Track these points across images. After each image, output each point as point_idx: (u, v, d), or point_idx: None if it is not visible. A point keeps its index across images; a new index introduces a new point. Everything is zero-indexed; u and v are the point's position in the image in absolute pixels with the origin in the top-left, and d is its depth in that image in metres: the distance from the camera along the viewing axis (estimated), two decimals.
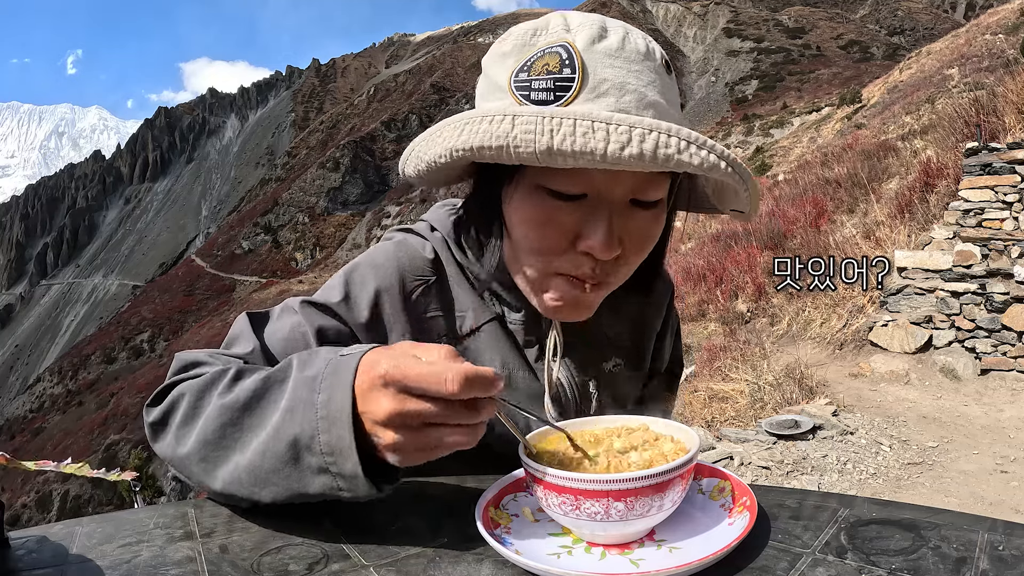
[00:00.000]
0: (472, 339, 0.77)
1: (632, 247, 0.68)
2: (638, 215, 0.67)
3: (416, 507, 0.65)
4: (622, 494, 0.52)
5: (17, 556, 0.56)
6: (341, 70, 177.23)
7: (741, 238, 9.50)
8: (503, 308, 0.78)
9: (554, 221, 0.65)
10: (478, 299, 0.77)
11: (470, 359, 0.69)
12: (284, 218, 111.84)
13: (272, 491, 0.57)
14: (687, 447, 0.58)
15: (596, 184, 0.64)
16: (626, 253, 0.68)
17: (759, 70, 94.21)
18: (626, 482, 0.52)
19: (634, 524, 0.54)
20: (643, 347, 0.90)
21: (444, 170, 0.69)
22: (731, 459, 3.72)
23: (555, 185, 0.64)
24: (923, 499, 3.37)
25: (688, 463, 0.54)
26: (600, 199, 0.65)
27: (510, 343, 0.78)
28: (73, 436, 53.66)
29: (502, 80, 0.66)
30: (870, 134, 15.24)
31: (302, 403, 0.54)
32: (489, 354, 0.77)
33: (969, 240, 5.38)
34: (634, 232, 0.67)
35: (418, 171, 0.71)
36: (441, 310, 0.76)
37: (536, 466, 0.55)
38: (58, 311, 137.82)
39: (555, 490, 0.53)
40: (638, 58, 0.65)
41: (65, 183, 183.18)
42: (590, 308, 0.72)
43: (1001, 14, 25.39)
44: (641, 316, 0.90)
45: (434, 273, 0.77)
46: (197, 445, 0.60)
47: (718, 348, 6.64)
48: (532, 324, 0.78)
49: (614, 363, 0.85)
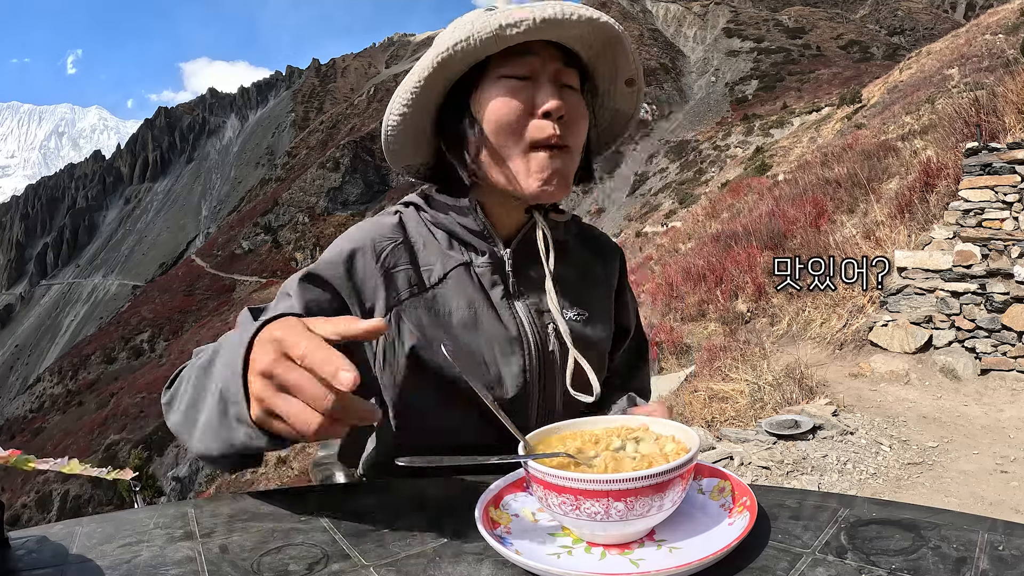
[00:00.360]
0: (440, 286, 0.87)
1: (573, 117, 0.86)
2: (567, 93, 0.86)
3: (416, 507, 0.65)
4: (622, 494, 0.52)
5: (17, 556, 0.56)
6: (341, 70, 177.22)
7: (741, 238, 9.51)
8: (470, 255, 0.90)
9: (515, 96, 0.83)
10: (446, 252, 0.89)
11: (439, 304, 0.86)
12: (284, 218, 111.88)
13: (217, 445, 0.62)
14: (687, 447, 0.58)
15: (535, 67, 0.84)
16: (569, 121, 0.85)
17: (759, 70, 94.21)
18: (626, 482, 0.52)
19: (634, 524, 0.54)
20: (599, 300, 1.00)
21: (419, 106, 0.86)
22: (731, 459, 3.72)
23: (509, 71, 0.84)
24: (923, 499, 3.37)
25: (688, 463, 0.54)
26: (540, 77, 0.84)
27: (476, 286, 0.89)
28: (73, 436, 53.66)
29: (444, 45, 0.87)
30: (870, 134, 15.24)
31: (229, 358, 0.59)
32: (456, 299, 0.87)
33: (969, 240, 5.38)
34: (569, 104, 0.85)
35: (403, 104, 0.86)
36: (410, 264, 0.87)
37: (536, 466, 0.55)
38: (58, 311, 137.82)
39: (555, 490, 0.53)
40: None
41: (65, 183, 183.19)
42: (565, 177, 0.86)
43: (1001, 14, 25.39)
44: (589, 266, 1.01)
45: (401, 235, 0.89)
46: (183, 410, 0.69)
47: (718, 348, 6.64)
48: (496, 267, 0.89)
49: (576, 313, 0.93)
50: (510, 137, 0.84)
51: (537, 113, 0.83)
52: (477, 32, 0.79)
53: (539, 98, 0.83)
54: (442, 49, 0.81)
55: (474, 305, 0.87)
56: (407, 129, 0.88)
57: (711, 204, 17.62)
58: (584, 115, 0.88)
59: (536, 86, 0.84)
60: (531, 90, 0.84)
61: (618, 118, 0.99)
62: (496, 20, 0.79)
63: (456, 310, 0.86)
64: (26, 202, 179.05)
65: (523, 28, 0.78)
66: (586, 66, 0.90)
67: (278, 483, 14.21)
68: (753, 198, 14.12)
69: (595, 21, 0.82)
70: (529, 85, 0.84)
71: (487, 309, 0.87)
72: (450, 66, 0.83)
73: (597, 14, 0.82)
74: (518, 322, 0.88)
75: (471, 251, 0.90)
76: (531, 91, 0.84)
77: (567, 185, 0.87)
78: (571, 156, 0.87)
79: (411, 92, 0.85)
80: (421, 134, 0.90)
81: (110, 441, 49.66)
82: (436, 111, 0.89)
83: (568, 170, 0.87)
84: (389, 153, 0.92)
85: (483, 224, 0.89)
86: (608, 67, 0.92)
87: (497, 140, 0.84)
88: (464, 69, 0.84)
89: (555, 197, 0.86)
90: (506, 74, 0.84)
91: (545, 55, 0.84)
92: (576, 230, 1.02)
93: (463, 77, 0.85)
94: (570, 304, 0.93)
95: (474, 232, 0.89)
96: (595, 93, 0.96)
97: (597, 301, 0.98)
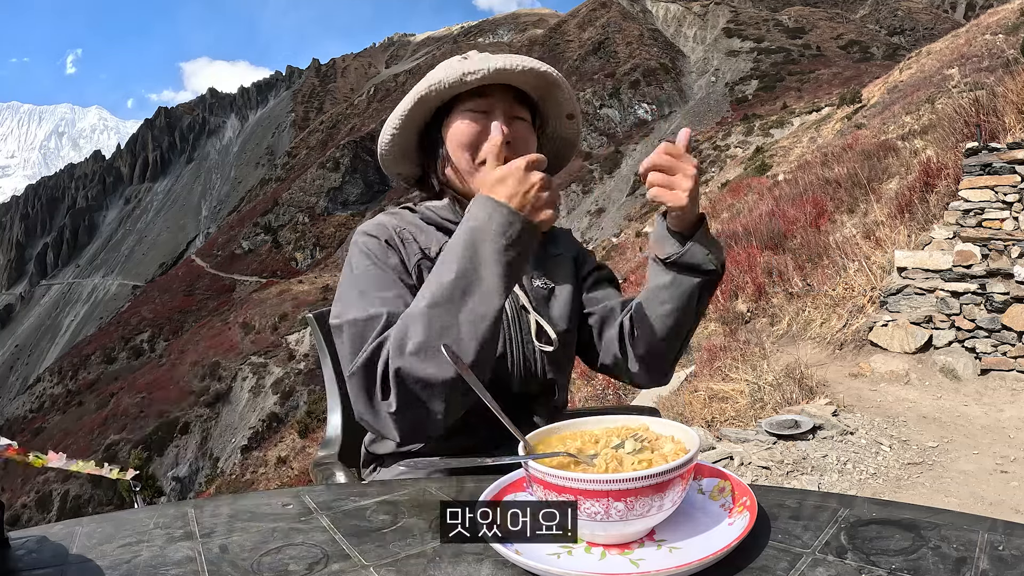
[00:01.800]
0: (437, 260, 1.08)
1: (519, 141, 1.10)
2: (517, 124, 1.11)
3: (416, 507, 0.65)
4: (622, 494, 0.52)
5: (17, 556, 0.56)
6: (341, 70, 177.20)
7: (741, 238, 9.50)
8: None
9: (474, 124, 1.10)
10: (436, 236, 1.11)
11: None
12: (284, 218, 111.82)
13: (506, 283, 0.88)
14: (687, 447, 0.58)
15: (492, 104, 1.10)
16: (516, 144, 1.08)
17: (759, 70, 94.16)
18: (626, 482, 0.52)
19: (634, 524, 0.54)
20: (560, 268, 1.21)
21: (406, 130, 1.13)
22: (731, 459, 3.72)
23: (471, 106, 1.10)
24: (923, 499, 3.36)
25: (688, 463, 0.55)
26: (495, 111, 1.10)
27: None
28: (73, 436, 53.64)
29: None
30: (870, 134, 15.24)
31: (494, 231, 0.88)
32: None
33: (969, 240, 5.37)
34: (518, 133, 1.11)
35: (392, 131, 1.13)
36: (414, 240, 1.10)
37: (537, 466, 0.55)
38: (58, 311, 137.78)
39: (555, 490, 0.54)
40: (501, 48, 1.18)
41: (65, 183, 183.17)
42: None
43: (1001, 14, 25.39)
44: (547, 245, 1.23)
45: (401, 224, 1.12)
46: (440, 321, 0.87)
47: (718, 348, 6.63)
48: None
49: (543, 282, 1.17)
50: (466, 152, 1.10)
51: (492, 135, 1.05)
52: (447, 78, 1.07)
53: (491, 125, 1.04)
54: (422, 89, 1.08)
55: None
56: (396, 146, 1.15)
57: (711, 204, 17.62)
58: (529, 139, 1.13)
59: (491, 117, 1.09)
60: (486, 120, 1.09)
61: (565, 145, 1.27)
62: (461, 68, 1.06)
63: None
64: (26, 202, 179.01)
65: (479, 75, 1.06)
66: (535, 103, 1.16)
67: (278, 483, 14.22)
68: (753, 198, 14.13)
69: (536, 70, 1.09)
70: (485, 117, 1.09)
71: None
72: (427, 101, 1.10)
73: (539, 65, 1.10)
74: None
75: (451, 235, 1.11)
76: (486, 121, 1.09)
77: None
78: None
79: (399, 118, 1.12)
80: (409, 149, 1.17)
81: (110, 441, 49.65)
82: (419, 133, 1.16)
83: None
84: (383, 163, 1.19)
85: (459, 214, 1.12)
86: (553, 105, 1.18)
87: (456, 155, 1.11)
88: (440, 103, 1.11)
89: None
90: (469, 108, 1.10)
91: (500, 95, 1.10)
92: None
93: (439, 109, 1.12)
94: (537, 275, 1.17)
95: (453, 221, 1.12)
96: (544, 125, 1.22)
97: (557, 269, 1.20)
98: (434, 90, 1.07)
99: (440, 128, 1.13)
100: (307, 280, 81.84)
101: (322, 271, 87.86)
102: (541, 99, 1.16)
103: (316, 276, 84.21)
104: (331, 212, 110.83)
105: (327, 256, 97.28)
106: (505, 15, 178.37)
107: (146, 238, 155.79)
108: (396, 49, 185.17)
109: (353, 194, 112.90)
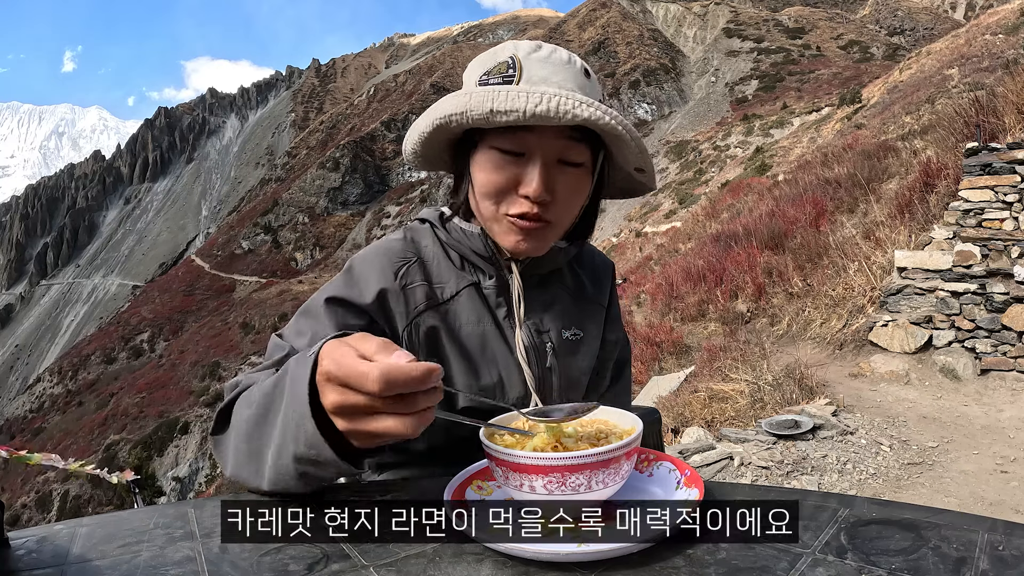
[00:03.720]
0: (452, 302, 0.95)
1: (563, 195, 0.89)
2: (566, 171, 0.89)
3: (416, 507, 0.65)
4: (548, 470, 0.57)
5: (17, 556, 0.56)
6: (341, 70, 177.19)
7: (741, 238, 9.50)
8: (478, 276, 0.97)
9: (501, 171, 0.88)
10: (459, 271, 0.97)
11: (451, 318, 0.93)
12: (284, 218, 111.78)
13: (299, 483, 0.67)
14: (626, 434, 0.63)
15: (530, 145, 0.86)
16: (558, 199, 0.89)
17: (759, 70, 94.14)
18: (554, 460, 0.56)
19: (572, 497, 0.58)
20: (591, 318, 1.07)
21: (430, 144, 0.93)
22: (731, 459, 3.72)
23: (501, 145, 0.87)
24: (923, 499, 3.36)
25: (626, 446, 0.59)
26: (534, 156, 0.87)
27: (484, 305, 0.96)
28: (73, 436, 53.62)
29: (472, 81, 0.92)
30: (870, 134, 15.24)
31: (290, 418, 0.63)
32: (466, 314, 0.95)
33: (969, 240, 5.38)
34: (563, 184, 0.89)
35: (413, 147, 0.94)
36: (424, 280, 0.94)
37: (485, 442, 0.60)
38: (58, 311, 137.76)
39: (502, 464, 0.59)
40: (561, 64, 0.89)
41: (65, 183, 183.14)
42: (541, 240, 0.92)
43: (1001, 14, 25.40)
44: (582, 288, 1.09)
45: (414, 253, 0.96)
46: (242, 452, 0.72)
47: (718, 348, 6.63)
48: (501, 288, 0.97)
49: (572, 332, 1.02)
50: (491, 204, 0.90)
51: (519, 190, 0.87)
52: (471, 110, 0.83)
53: (525, 178, 0.87)
54: (439, 115, 0.86)
55: (482, 322, 0.95)
56: (422, 157, 0.97)
57: (711, 204, 17.63)
58: (579, 191, 0.92)
59: (526, 163, 0.87)
60: (519, 167, 0.87)
61: (629, 193, 1.04)
62: (490, 102, 0.81)
63: (466, 324, 0.94)
64: (26, 202, 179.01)
65: (512, 118, 0.81)
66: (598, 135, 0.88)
67: None
68: (753, 198, 14.13)
69: (589, 121, 0.81)
70: (519, 162, 0.87)
71: (493, 327, 0.96)
72: (447, 129, 0.88)
73: (594, 113, 0.81)
74: (520, 340, 0.95)
75: (479, 272, 0.98)
76: (519, 168, 0.87)
77: (544, 247, 0.94)
78: (551, 229, 0.92)
79: (418, 141, 0.92)
80: (438, 159, 0.99)
81: (110, 441, 49.62)
82: (451, 144, 0.95)
83: (546, 237, 0.92)
84: (414, 166, 1.01)
85: (491, 250, 0.96)
86: (617, 152, 0.92)
87: (481, 202, 0.91)
88: (462, 131, 0.90)
89: (532, 255, 0.95)
90: (498, 147, 0.87)
91: (543, 131, 0.85)
92: (574, 252, 1.06)
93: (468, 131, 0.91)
94: (566, 325, 1.01)
95: (482, 256, 0.96)
96: (612, 161, 0.95)
97: (589, 319, 1.07)
98: (455, 122, 0.85)
99: (469, 152, 0.92)
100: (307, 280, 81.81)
101: (322, 271, 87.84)
102: (605, 135, 0.88)
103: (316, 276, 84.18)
104: (331, 212, 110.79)
105: (327, 256, 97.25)
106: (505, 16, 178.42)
107: (146, 238, 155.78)
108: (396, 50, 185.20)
109: (353, 194, 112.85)
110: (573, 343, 1.02)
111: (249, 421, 0.71)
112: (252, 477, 0.71)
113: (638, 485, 0.66)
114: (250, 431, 0.71)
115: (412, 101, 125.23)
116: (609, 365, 1.13)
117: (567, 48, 0.93)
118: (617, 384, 1.18)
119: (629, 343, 1.24)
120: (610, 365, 1.14)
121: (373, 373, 0.53)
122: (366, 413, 0.56)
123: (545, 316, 1.00)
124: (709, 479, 0.91)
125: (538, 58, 0.89)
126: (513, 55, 0.89)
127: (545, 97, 0.80)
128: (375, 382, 0.53)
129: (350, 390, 0.55)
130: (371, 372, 0.53)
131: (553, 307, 1.01)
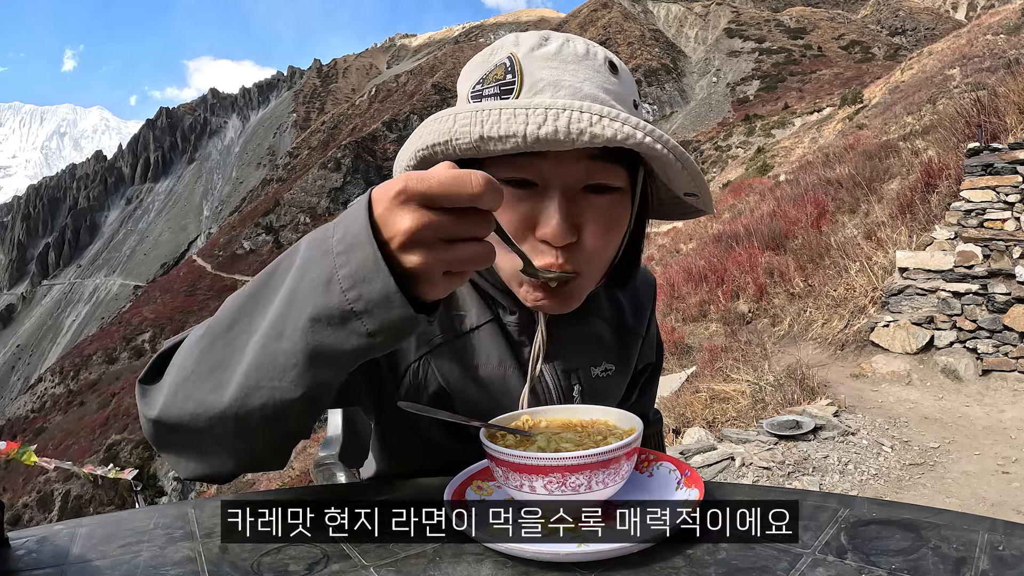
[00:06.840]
0: (472, 336, 0.81)
1: (593, 233, 0.70)
2: (595, 201, 0.70)
3: (416, 507, 0.65)
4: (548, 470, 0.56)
5: (17, 556, 0.56)
6: (342, 70, 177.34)
7: (742, 239, 9.50)
8: (499, 311, 0.82)
9: (511, 209, 0.68)
10: (480, 304, 0.81)
11: (468, 353, 0.80)
12: (286, 218, 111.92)
13: (293, 374, 0.53)
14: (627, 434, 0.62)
15: (544, 172, 0.68)
16: (586, 239, 0.70)
17: (760, 70, 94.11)
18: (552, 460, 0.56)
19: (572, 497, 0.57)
20: (626, 349, 0.93)
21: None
22: (732, 460, 3.72)
23: (505, 174, 0.67)
24: (924, 500, 3.36)
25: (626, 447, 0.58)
26: (549, 186, 0.68)
27: (506, 342, 0.82)
28: (74, 436, 53.70)
29: (464, 93, 0.74)
30: (871, 134, 15.22)
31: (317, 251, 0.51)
32: (486, 351, 0.81)
33: (971, 240, 5.37)
34: (592, 218, 0.70)
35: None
36: (445, 307, 0.80)
37: (486, 442, 0.59)
38: (60, 311, 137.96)
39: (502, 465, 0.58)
40: (575, 59, 0.71)
41: (67, 183, 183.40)
42: (569, 298, 0.74)
43: (1002, 14, 25.37)
44: (621, 315, 0.93)
45: None
46: (198, 358, 0.57)
47: (719, 348, 6.63)
48: (525, 326, 0.82)
49: (604, 368, 0.88)
50: (505, 253, 0.66)
51: (537, 233, 0.69)
52: (456, 139, 0.64)
53: (542, 216, 0.68)
54: (421, 146, 0.68)
55: (504, 360, 0.82)
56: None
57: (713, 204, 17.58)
58: (615, 223, 0.72)
59: (541, 197, 0.68)
60: (534, 201, 0.68)
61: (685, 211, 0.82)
62: (478, 127, 0.63)
63: (485, 363, 0.80)
64: (28, 202, 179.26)
65: (509, 145, 0.62)
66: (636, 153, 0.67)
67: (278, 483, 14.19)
68: (754, 198, 14.11)
69: (614, 140, 0.62)
70: (533, 195, 0.68)
71: (514, 365, 0.82)
72: (435, 161, 0.67)
73: (621, 130, 0.61)
74: (543, 379, 0.83)
75: (501, 308, 0.83)
76: (533, 203, 0.68)
77: (575, 304, 0.75)
78: (582, 281, 0.73)
79: (405, 166, 0.74)
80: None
81: (111, 441, 49.66)
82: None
83: (575, 294, 0.74)
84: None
85: (498, 282, 0.82)
86: (661, 174, 0.71)
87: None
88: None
89: (560, 312, 0.75)
90: (504, 178, 0.66)
91: (560, 153, 0.66)
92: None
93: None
94: (597, 361, 0.87)
95: (505, 292, 0.80)
96: (655, 181, 0.76)
97: (624, 351, 0.92)
98: (440, 152, 0.67)
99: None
100: None
101: None
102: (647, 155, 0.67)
103: None
104: (332, 212, 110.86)
105: None
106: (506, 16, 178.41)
107: (147, 238, 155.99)
108: (397, 50, 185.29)
109: (354, 195, 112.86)
110: (604, 380, 0.87)
111: (215, 326, 0.58)
112: (204, 398, 0.56)
113: (638, 485, 0.66)
114: (215, 337, 0.57)
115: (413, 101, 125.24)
116: (637, 385, 1.02)
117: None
118: (644, 396, 1.06)
119: (663, 350, 1.09)
120: (639, 384, 1.02)
121: (472, 176, 0.46)
122: (445, 241, 0.48)
123: (574, 354, 0.85)
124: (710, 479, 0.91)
125: (544, 55, 0.71)
126: (512, 54, 0.71)
127: (551, 114, 0.61)
128: (479, 182, 0.46)
129: (430, 211, 0.47)
130: (472, 173, 0.46)
131: (584, 342, 0.87)
